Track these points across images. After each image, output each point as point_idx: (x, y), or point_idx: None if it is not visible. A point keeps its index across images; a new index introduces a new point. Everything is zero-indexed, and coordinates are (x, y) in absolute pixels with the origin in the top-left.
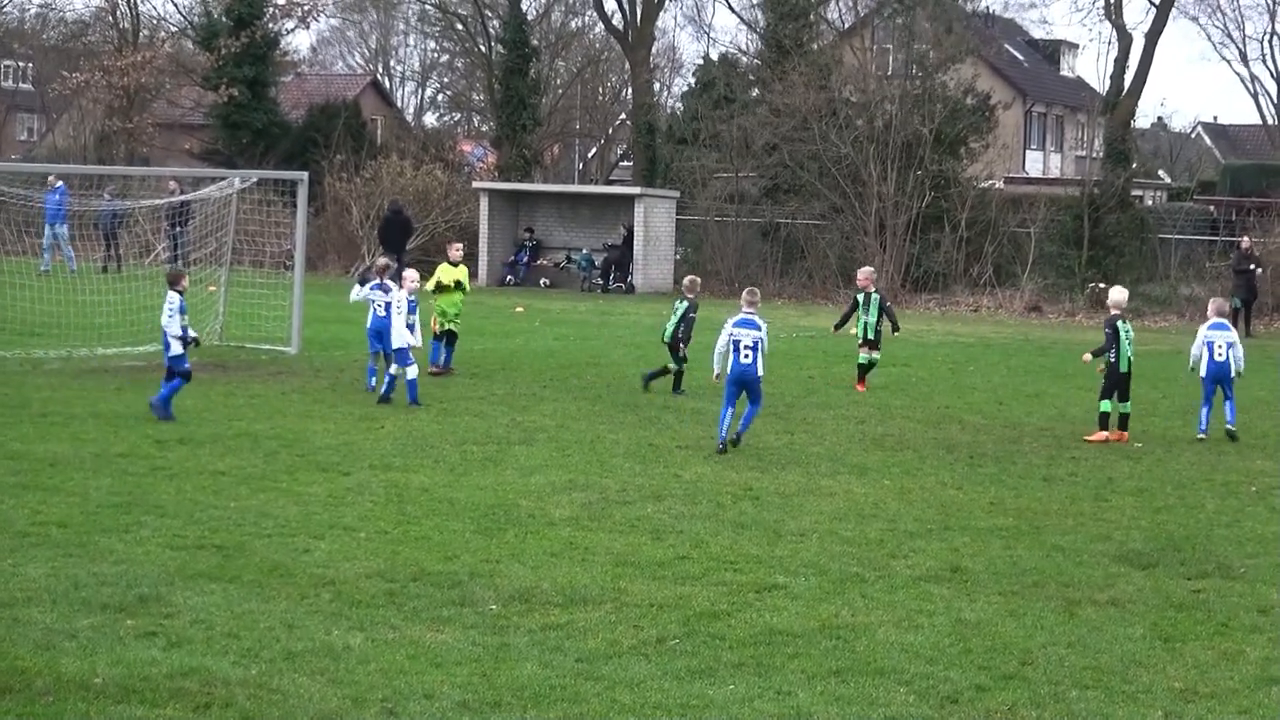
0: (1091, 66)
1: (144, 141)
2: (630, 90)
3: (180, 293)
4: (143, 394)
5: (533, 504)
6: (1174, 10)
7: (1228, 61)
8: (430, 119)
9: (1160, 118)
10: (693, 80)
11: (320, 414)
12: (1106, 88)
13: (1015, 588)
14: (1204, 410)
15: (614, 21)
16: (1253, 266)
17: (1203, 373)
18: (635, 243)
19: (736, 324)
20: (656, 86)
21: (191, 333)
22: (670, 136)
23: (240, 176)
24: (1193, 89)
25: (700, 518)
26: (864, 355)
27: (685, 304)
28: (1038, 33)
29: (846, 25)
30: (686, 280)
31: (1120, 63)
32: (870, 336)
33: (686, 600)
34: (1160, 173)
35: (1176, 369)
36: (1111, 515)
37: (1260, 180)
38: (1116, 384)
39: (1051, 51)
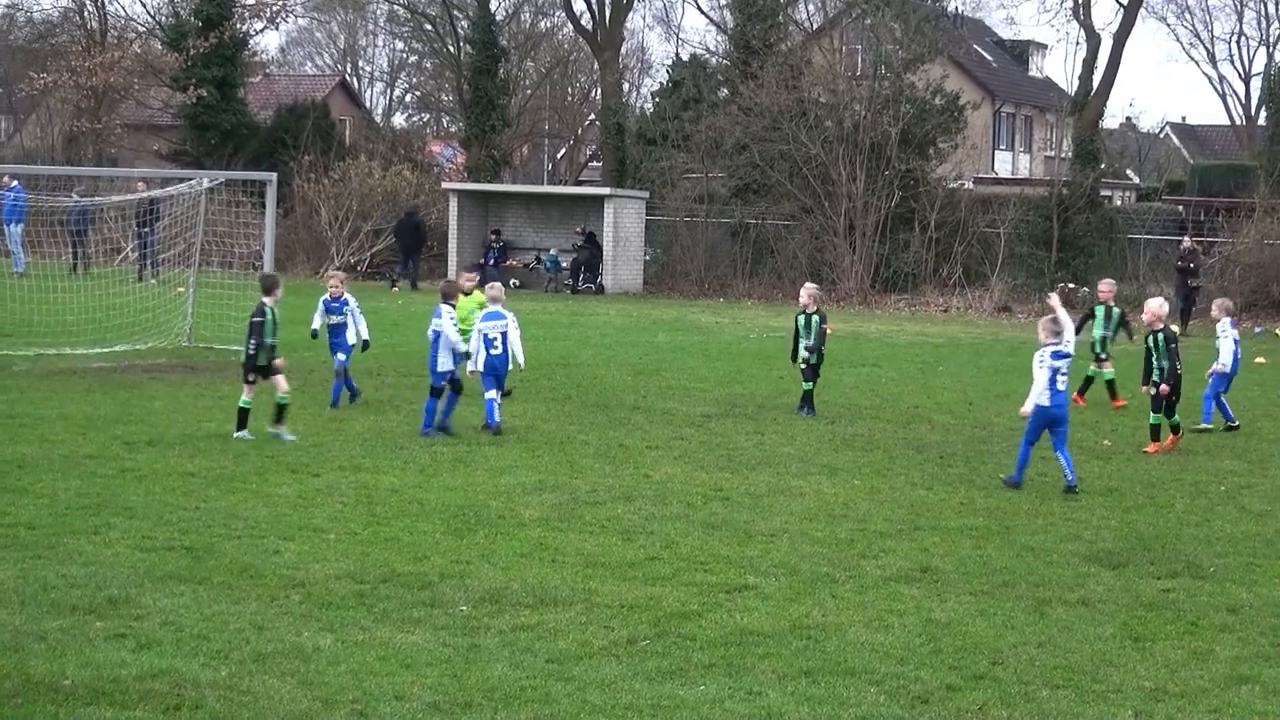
0: (1060, 67)
1: (112, 142)
2: (599, 91)
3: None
4: (111, 395)
5: (503, 505)
6: (1142, 11)
7: (1196, 62)
8: (399, 120)
9: (1129, 118)
10: (663, 80)
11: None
12: (1075, 88)
13: (985, 587)
14: (1211, 404)
15: (583, 22)
16: (1191, 265)
17: (1231, 370)
18: (605, 243)
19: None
20: (625, 87)
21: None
22: (640, 137)
23: (208, 177)
24: (1161, 89)
25: (671, 518)
26: (1107, 370)
27: (813, 315)
28: (1006, 33)
29: (815, 26)
30: (810, 290)
31: (1088, 63)
32: (1099, 351)
33: (657, 601)
34: (1129, 173)
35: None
36: (1081, 515)
37: (1228, 180)
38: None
39: (1020, 52)
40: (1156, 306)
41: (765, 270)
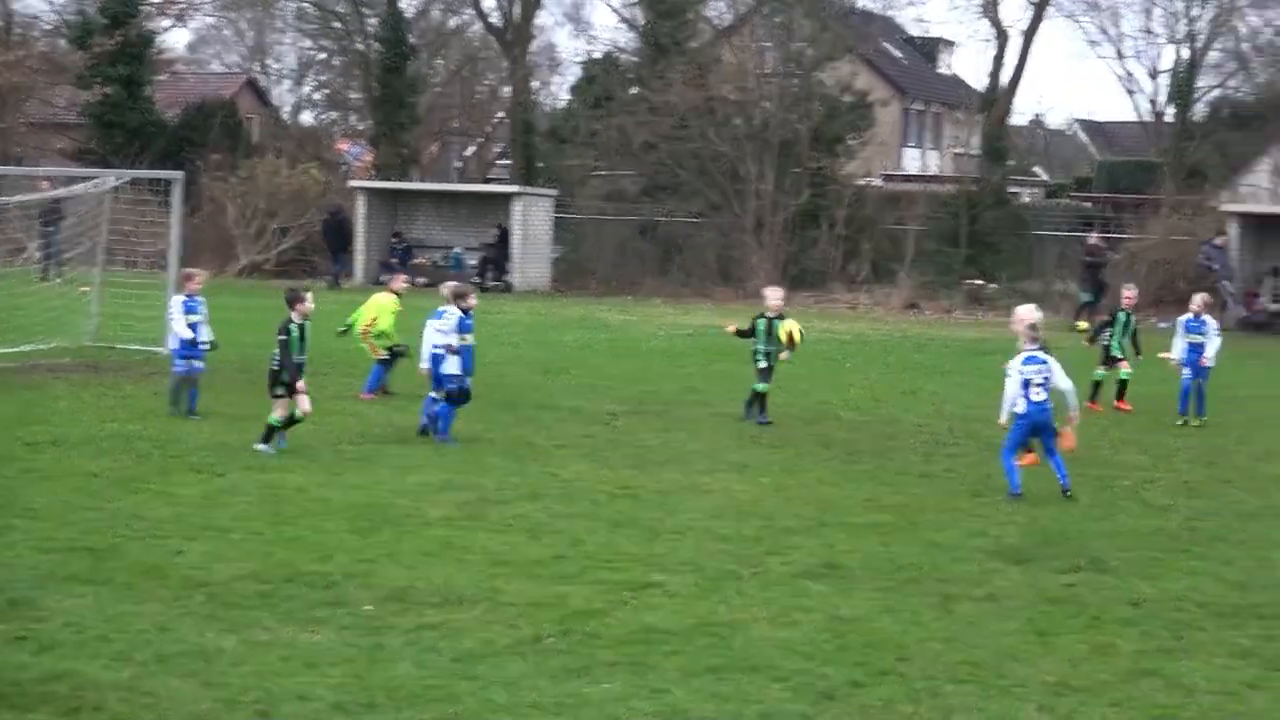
0: (969, 64)
1: (16, 141)
2: (509, 88)
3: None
4: (14, 395)
5: (409, 504)
6: (1051, 8)
7: (1104, 59)
8: (308, 117)
9: (1037, 115)
10: (573, 78)
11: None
12: (984, 85)
13: (891, 583)
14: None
15: (492, 19)
16: (1097, 261)
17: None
18: (513, 241)
19: None
20: (535, 85)
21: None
22: (550, 135)
23: (114, 176)
24: (1070, 86)
25: (577, 516)
26: (1123, 370)
27: (775, 320)
28: (915, 30)
29: (725, 23)
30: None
31: (997, 60)
32: (1116, 354)
33: (563, 599)
34: (1037, 170)
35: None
36: (987, 511)
37: (1136, 177)
38: None
39: (929, 49)
40: (1024, 313)
41: (674, 268)
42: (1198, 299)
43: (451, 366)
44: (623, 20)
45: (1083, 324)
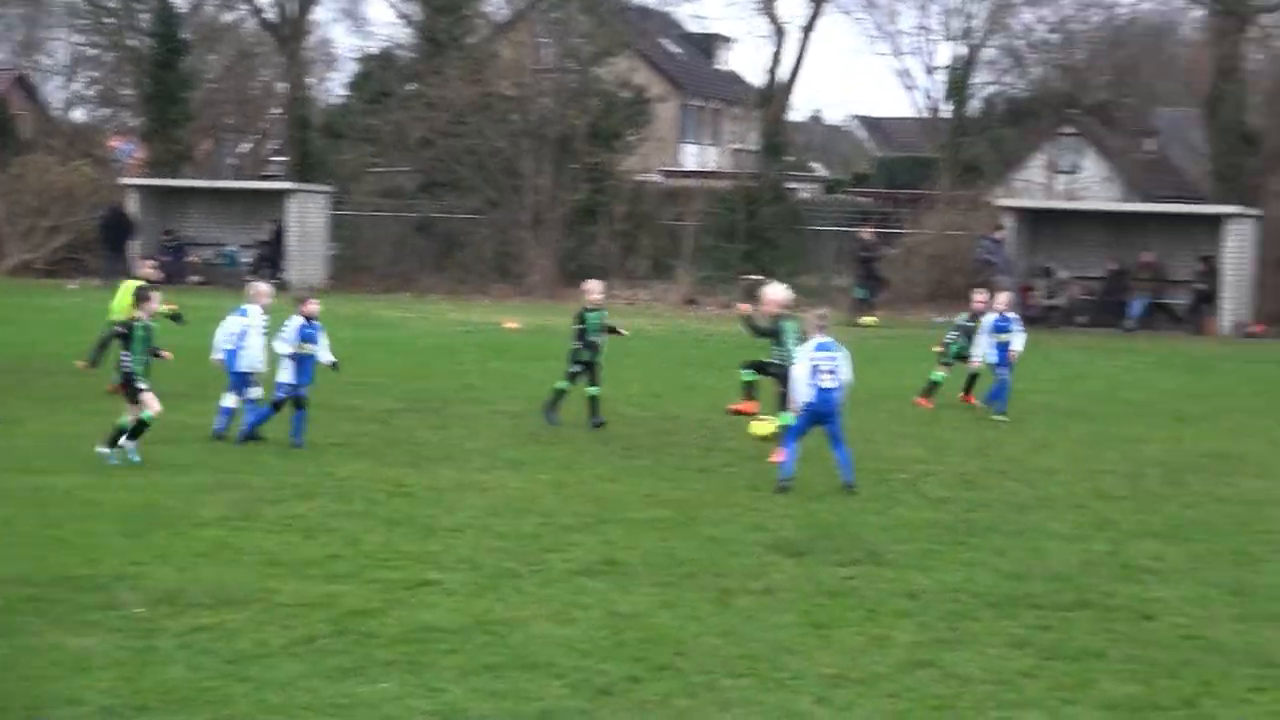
0: (748, 60)
1: None
2: (284, 84)
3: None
4: None
5: (180, 504)
6: (829, 4)
7: (882, 55)
8: (79, 114)
9: (815, 111)
10: (351, 73)
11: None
12: (762, 81)
13: (670, 579)
14: (1000, 391)
15: (267, 15)
16: (872, 255)
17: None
18: (289, 239)
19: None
20: (311, 81)
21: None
22: (326, 131)
23: None
24: (848, 82)
25: (353, 515)
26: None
27: (593, 314)
28: (693, 27)
29: (503, 19)
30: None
31: (775, 57)
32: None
33: (338, 599)
34: (815, 165)
35: None
36: (765, 505)
37: (913, 172)
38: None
39: (707, 46)
40: (774, 293)
41: (451, 264)
42: (1003, 298)
43: (285, 375)
44: (400, 16)
45: (869, 319)
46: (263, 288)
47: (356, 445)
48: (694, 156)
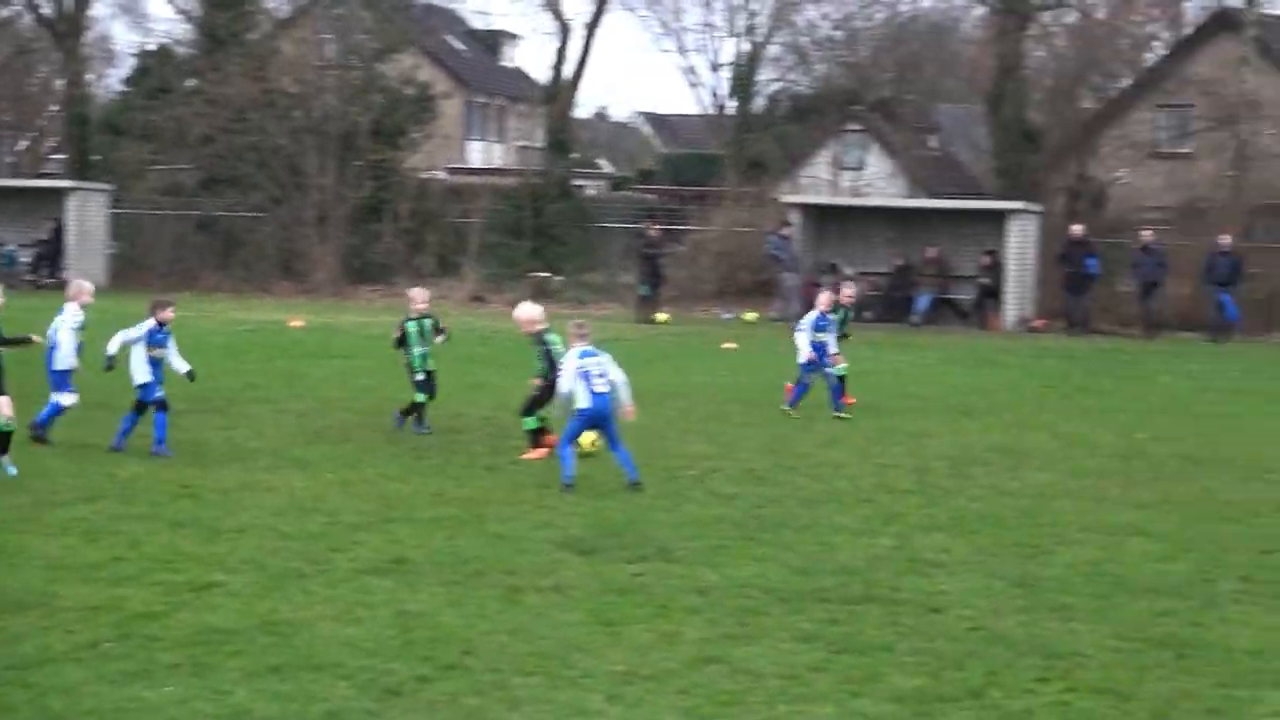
0: (533, 57)
1: None
2: (62, 81)
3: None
4: None
5: None
6: (613, 1)
7: (666, 52)
8: None
9: (601, 108)
10: (129, 71)
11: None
12: (547, 78)
13: (458, 577)
14: (801, 391)
15: (44, 11)
16: (651, 251)
17: (803, 360)
18: (68, 237)
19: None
20: (90, 77)
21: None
22: (106, 128)
23: None
24: (633, 79)
25: (137, 518)
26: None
27: (425, 320)
28: (478, 23)
29: (284, 15)
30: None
31: (560, 53)
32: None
33: (122, 602)
34: (601, 162)
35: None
36: (554, 502)
37: (699, 169)
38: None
39: (492, 42)
40: (525, 312)
41: (234, 263)
42: (824, 298)
43: (141, 376)
44: (179, 11)
45: (662, 316)
46: (86, 285)
47: (140, 447)
48: (479, 154)
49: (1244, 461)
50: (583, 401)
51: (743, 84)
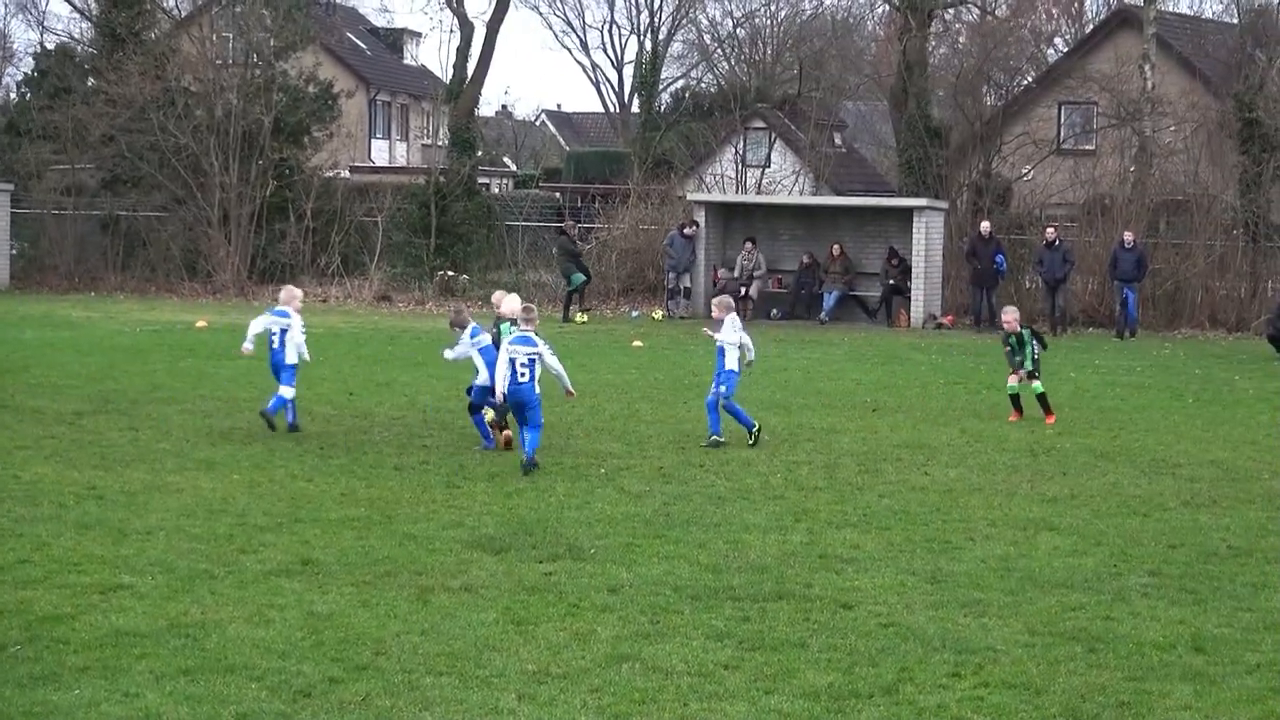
0: (434, 55)
1: None
2: None
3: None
4: None
5: None
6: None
7: (569, 50)
8: None
9: (505, 106)
10: (27, 70)
11: None
12: (450, 76)
13: (368, 578)
14: (740, 408)
15: None
16: (571, 249)
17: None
18: None
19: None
20: None
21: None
22: (5, 128)
23: None
24: (537, 77)
25: (42, 519)
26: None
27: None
28: (379, 21)
29: (184, 13)
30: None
31: (462, 51)
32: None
33: (28, 605)
34: (506, 160)
35: None
36: (463, 502)
37: (603, 167)
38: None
39: (394, 40)
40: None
41: (138, 263)
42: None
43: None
44: (76, 10)
45: (580, 317)
46: (296, 292)
47: (43, 448)
48: (383, 152)
49: (1150, 456)
50: (500, 385)
51: (646, 82)
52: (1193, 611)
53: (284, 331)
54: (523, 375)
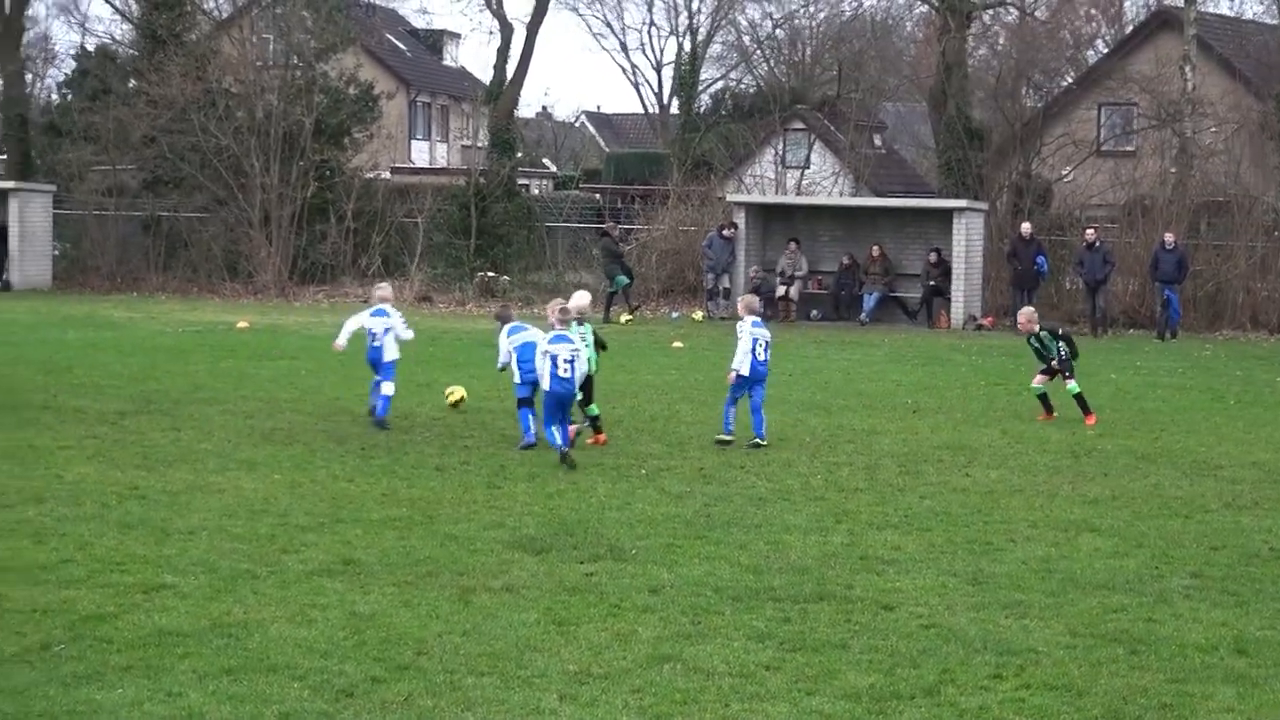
0: (474, 56)
1: None
2: (0, 82)
3: None
4: None
5: None
6: (555, 1)
7: (609, 52)
8: None
9: (545, 107)
10: (68, 72)
11: None
12: (490, 78)
13: (409, 578)
14: (732, 410)
15: None
16: (614, 250)
17: (745, 373)
18: (11, 239)
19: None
20: (29, 78)
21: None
22: (46, 129)
23: None
24: (577, 78)
25: (85, 519)
26: (1071, 385)
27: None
28: (419, 22)
29: (224, 14)
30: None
31: (502, 53)
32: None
33: (71, 604)
34: (545, 161)
35: None
36: (504, 502)
37: (643, 168)
38: None
39: (434, 41)
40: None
41: (179, 264)
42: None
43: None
44: (118, 11)
45: (624, 316)
46: (387, 289)
47: (86, 448)
48: (423, 153)
49: (1192, 458)
50: (545, 384)
51: (686, 83)
52: (1235, 614)
53: (386, 330)
54: (564, 372)
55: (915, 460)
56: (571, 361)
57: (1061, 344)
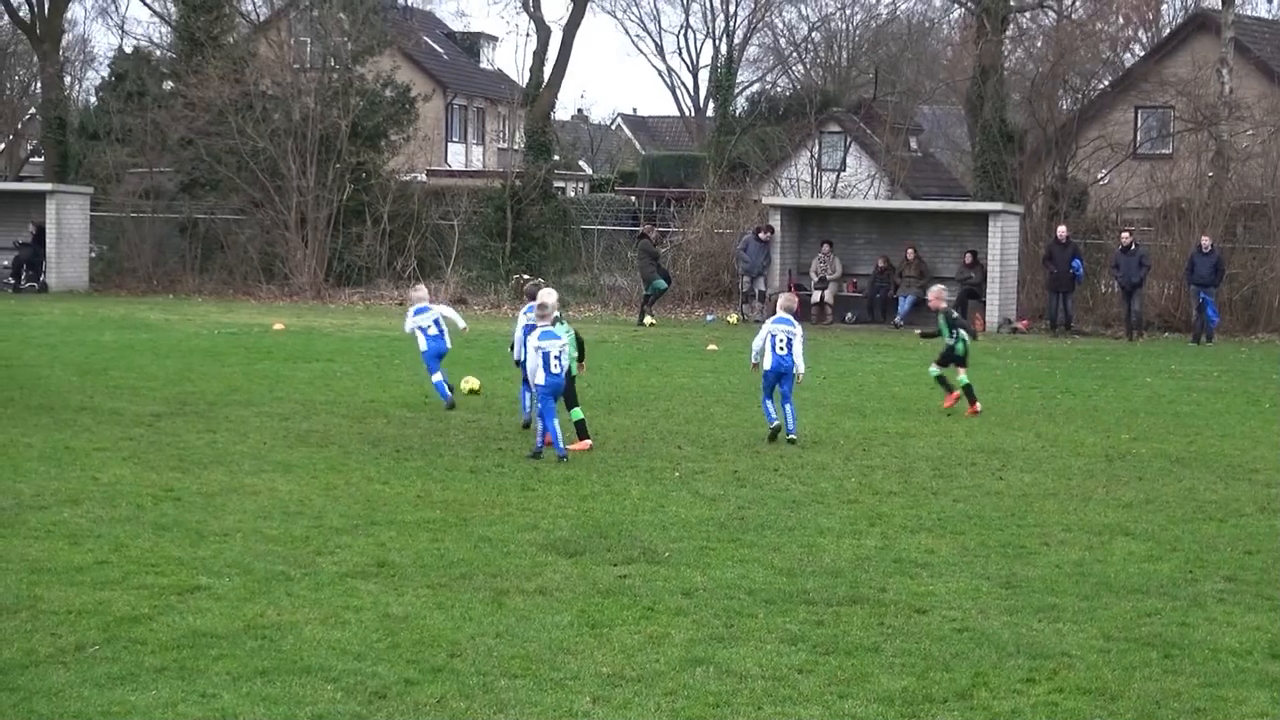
0: (511, 59)
1: None
2: (39, 84)
3: None
4: None
5: None
6: (592, 4)
7: (645, 55)
8: None
9: (581, 110)
10: (105, 74)
11: None
12: (526, 80)
13: (443, 580)
14: (767, 403)
15: (21, 14)
16: (654, 251)
17: (767, 366)
18: (48, 240)
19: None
20: (68, 80)
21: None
22: (83, 131)
23: None
24: (613, 81)
25: (120, 520)
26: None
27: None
28: (456, 25)
29: (261, 17)
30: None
31: (539, 55)
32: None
33: (106, 605)
34: (581, 164)
35: (601, 358)
36: (538, 505)
37: (678, 171)
38: None
39: (471, 44)
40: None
41: (216, 266)
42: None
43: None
44: (156, 14)
45: (650, 320)
46: (422, 289)
47: (121, 449)
48: (459, 156)
49: (1226, 461)
50: (540, 379)
51: (722, 86)
52: (1270, 618)
53: (437, 321)
54: (556, 368)
55: (949, 463)
56: (560, 356)
57: (963, 332)
